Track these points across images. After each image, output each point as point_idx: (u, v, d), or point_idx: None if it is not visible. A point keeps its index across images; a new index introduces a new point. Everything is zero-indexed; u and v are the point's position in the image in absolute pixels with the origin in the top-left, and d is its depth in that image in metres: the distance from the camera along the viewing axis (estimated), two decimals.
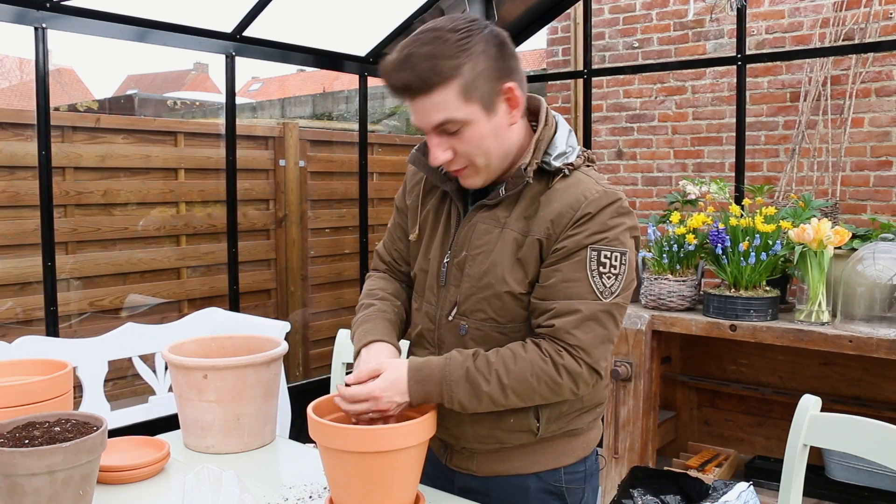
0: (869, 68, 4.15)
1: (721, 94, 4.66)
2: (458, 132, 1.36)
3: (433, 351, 1.53)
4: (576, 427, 1.54)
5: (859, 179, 4.22)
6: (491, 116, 1.37)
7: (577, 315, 1.35)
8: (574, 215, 1.37)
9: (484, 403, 1.37)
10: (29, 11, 2.66)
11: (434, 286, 1.52)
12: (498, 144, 1.40)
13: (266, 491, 1.54)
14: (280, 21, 3.54)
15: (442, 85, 1.31)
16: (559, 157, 1.42)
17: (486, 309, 1.44)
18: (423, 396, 1.38)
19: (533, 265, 1.41)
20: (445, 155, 1.38)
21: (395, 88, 1.35)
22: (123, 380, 3.76)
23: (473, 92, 1.33)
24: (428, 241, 1.55)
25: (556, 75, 5.14)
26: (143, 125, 4.22)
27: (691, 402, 3.51)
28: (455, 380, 1.37)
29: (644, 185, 4.97)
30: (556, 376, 1.36)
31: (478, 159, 1.39)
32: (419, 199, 1.59)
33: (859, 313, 2.61)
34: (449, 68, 1.30)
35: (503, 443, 1.51)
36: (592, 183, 1.41)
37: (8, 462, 1.22)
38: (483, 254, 1.44)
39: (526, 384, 1.36)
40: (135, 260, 3.98)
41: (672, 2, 4.82)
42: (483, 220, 1.45)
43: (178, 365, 1.74)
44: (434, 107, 1.33)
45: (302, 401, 1.80)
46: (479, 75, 1.33)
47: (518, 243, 1.41)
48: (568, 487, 1.56)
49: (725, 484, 2.11)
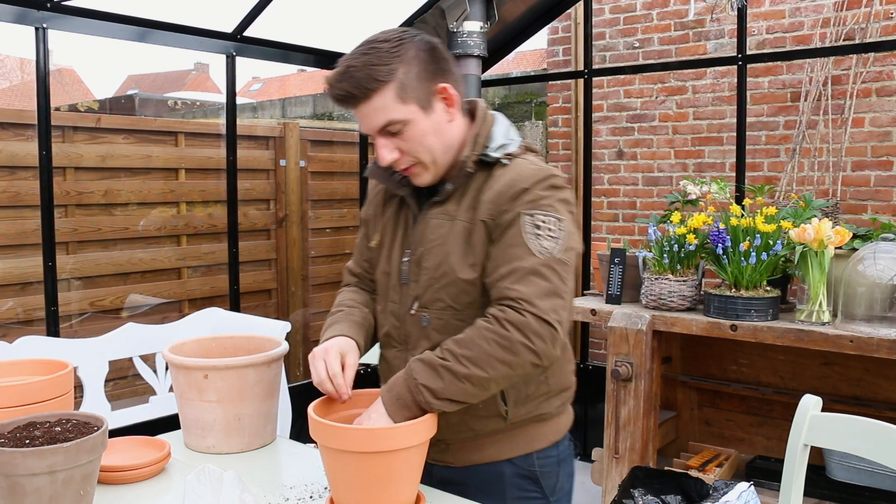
0: (870, 68, 4.15)
1: (722, 94, 4.66)
2: (401, 132, 1.46)
3: (401, 348, 1.60)
4: (544, 412, 1.60)
5: (860, 179, 4.22)
6: (429, 114, 1.48)
7: (517, 272, 1.40)
8: (511, 192, 1.46)
9: (445, 379, 1.36)
10: (30, 11, 2.66)
11: (396, 285, 1.60)
12: (439, 141, 1.50)
13: (267, 491, 1.54)
14: (281, 21, 3.54)
15: (378, 90, 1.43)
16: (498, 148, 1.52)
17: (443, 298, 1.51)
18: (396, 399, 1.39)
19: (481, 247, 1.48)
20: (392, 155, 1.49)
21: (338, 98, 1.46)
22: (124, 380, 3.76)
23: (409, 93, 1.45)
24: (389, 246, 1.64)
25: (557, 75, 5.13)
26: (144, 125, 4.22)
27: (692, 402, 3.51)
28: (415, 368, 1.39)
29: (645, 185, 4.97)
30: (503, 331, 1.36)
31: (422, 156, 1.49)
32: (379, 208, 1.70)
33: (860, 313, 2.61)
34: (383, 74, 1.42)
35: (475, 430, 1.56)
36: (528, 164, 1.52)
37: (9, 462, 1.22)
38: (437, 246, 1.52)
39: (478, 349, 1.36)
40: (135, 260, 3.98)
41: (673, 2, 4.82)
42: (435, 216, 1.54)
43: (178, 365, 1.74)
44: (374, 111, 1.45)
45: (302, 401, 1.80)
46: (413, 78, 1.45)
47: (468, 230, 1.50)
48: (542, 471, 1.62)
49: (726, 484, 2.11)
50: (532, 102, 5.47)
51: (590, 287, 4.08)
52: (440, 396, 1.37)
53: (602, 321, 3.15)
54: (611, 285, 3.21)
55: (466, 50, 3.68)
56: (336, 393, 1.48)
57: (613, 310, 3.10)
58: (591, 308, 3.19)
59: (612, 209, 5.09)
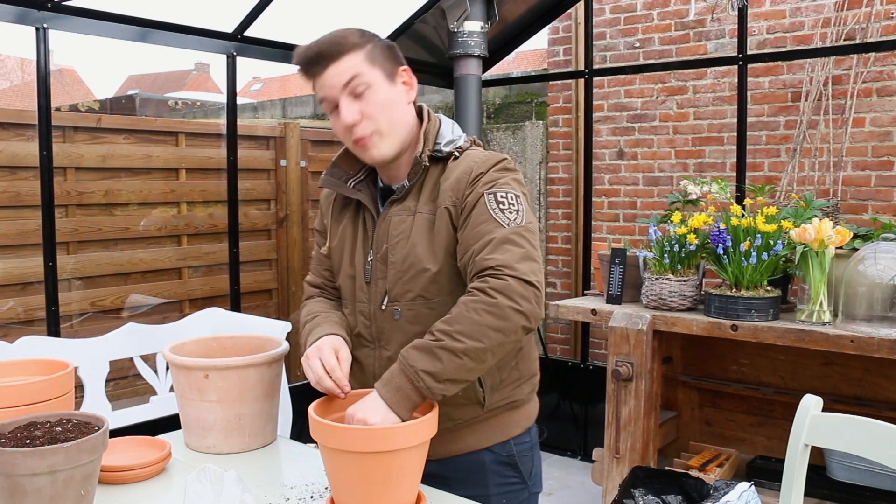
0: (870, 68, 4.15)
1: (722, 94, 4.65)
2: (364, 95, 1.52)
3: (373, 346, 1.63)
4: (517, 398, 1.66)
5: (860, 179, 4.22)
6: (392, 86, 1.56)
7: (490, 243, 1.44)
8: (469, 178, 1.53)
9: (444, 358, 1.36)
10: (30, 11, 2.66)
11: (363, 286, 1.64)
12: (400, 114, 1.58)
13: (267, 491, 1.54)
14: (281, 21, 3.54)
15: (350, 51, 1.51)
16: (448, 143, 1.60)
17: (413, 288, 1.55)
18: (396, 391, 1.38)
19: (446, 234, 1.53)
20: (354, 116, 1.53)
21: (310, 59, 1.52)
22: (125, 380, 3.76)
23: (377, 62, 1.54)
24: (350, 249, 1.68)
25: (558, 75, 5.13)
26: (145, 125, 4.22)
27: (692, 402, 3.51)
28: (409, 356, 1.39)
29: (645, 185, 4.97)
30: (489, 299, 1.37)
31: (383, 122, 1.54)
32: (333, 216, 1.75)
33: (860, 313, 2.61)
34: (354, 42, 1.52)
35: (454, 420, 1.59)
36: (479, 153, 1.61)
37: (9, 462, 1.23)
38: (402, 241, 1.57)
39: (469, 321, 1.37)
40: (136, 260, 3.98)
41: (673, 2, 4.82)
42: (396, 213, 1.60)
43: (179, 365, 1.74)
44: (343, 70, 1.51)
45: (303, 401, 1.80)
46: (379, 53, 1.55)
47: (430, 221, 1.55)
48: (519, 457, 1.68)
49: (727, 484, 2.11)
50: (532, 102, 5.47)
51: (590, 287, 4.08)
52: (441, 379, 1.37)
53: (602, 321, 3.15)
54: (611, 285, 3.21)
55: (467, 50, 3.68)
56: (337, 387, 1.48)
57: (614, 310, 3.10)
58: (592, 308, 3.19)
59: (613, 209, 5.09)
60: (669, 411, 3.47)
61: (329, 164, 1.71)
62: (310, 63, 1.53)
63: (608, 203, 5.10)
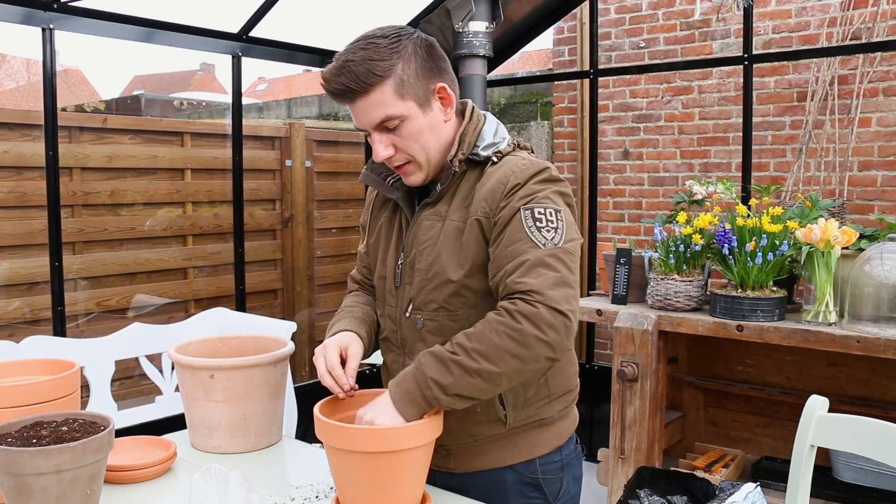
0: (876, 68, 4.14)
1: (728, 94, 4.64)
2: (397, 128, 1.46)
3: (398, 351, 1.59)
4: (545, 416, 1.58)
5: (867, 179, 4.20)
6: (426, 112, 1.48)
7: (524, 265, 1.37)
8: (504, 189, 1.45)
9: (455, 373, 1.33)
10: (36, 12, 2.67)
11: (392, 288, 1.60)
12: (434, 139, 1.50)
13: (273, 491, 1.54)
14: (286, 21, 3.55)
15: (378, 84, 1.42)
16: (487, 147, 1.52)
17: (436, 299, 1.50)
18: (404, 393, 1.37)
19: (475, 246, 1.47)
20: (387, 151, 1.48)
21: (336, 93, 1.45)
22: (130, 379, 3.77)
23: (408, 89, 1.44)
24: (384, 249, 1.64)
25: (563, 75, 5.13)
26: (150, 125, 4.23)
27: (698, 402, 3.50)
28: (424, 362, 1.37)
29: (650, 186, 4.96)
30: (513, 324, 1.32)
31: (417, 154, 1.49)
32: (373, 213, 1.72)
33: (867, 314, 2.60)
34: (382, 69, 1.41)
35: (475, 436, 1.55)
36: (519, 160, 1.50)
37: (16, 461, 1.23)
38: (429, 247, 1.52)
39: (489, 342, 1.32)
40: (141, 260, 3.99)
41: (678, 1, 4.81)
42: (427, 217, 1.54)
43: (184, 365, 1.74)
44: (372, 106, 1.44)
45: (308, 401, 1.81)
46: (412, 74, 1.45)
47: (459, 230, 1.49)
48: (544, 478, 1.59)
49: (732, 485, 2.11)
50: (538, 102, 5.46)
51: (595, 287, 4.08)
52: (449, 392, 1.34)
53: (608, 321, 3.15)
54: (616, 285, 3.21)
55: (472, 50, 3.68)
56: (336, 385, 1.47)
57: (619, 310, 3.09)
58: (597, 308, 3.18)
59: (618, 209, 5.09)
60: (675, 412, 3.46)
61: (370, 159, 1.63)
62: (336, 96, 1.45)
63: (613, 203, 5.10)
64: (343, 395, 1.48)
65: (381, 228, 1.67)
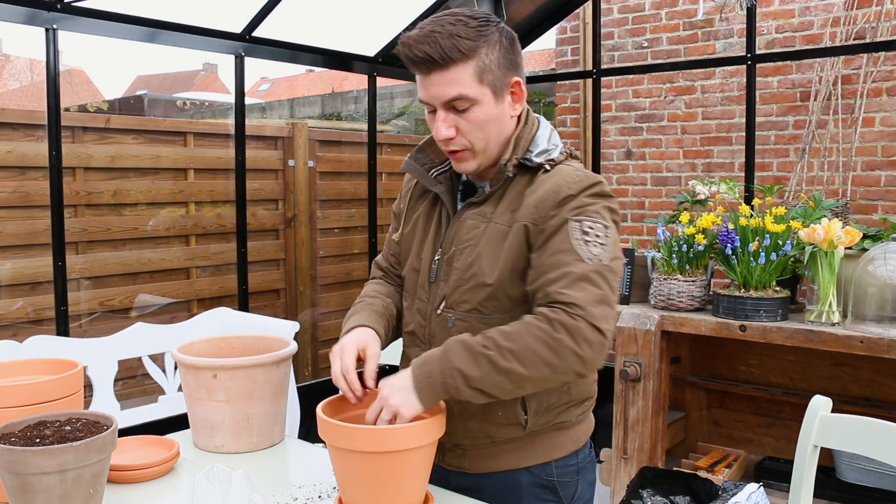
0: (880, 67, 4.13)
1: (731, 94, 4.64)
2: (466, 111, 1.43)
3: (424, 347, 1.56)
4: (564, 420, 1.56)
5: (870, 179, 4.20)
6: (498, 103, 1.46)
7: (567, 277, 1.35)
8: (556, 198, 1.42)
9: (483, 368, 1.31)
10: (40, 13, 2.67)
11: (425, 283, 1.58)
12: (498, 131, 1.48)
13: (275, 490, 1.54)
14: (289, 21, 3.55)
15: (460, 62, 1.39)
16: (541, 153, 1.49)
17: (470, 300, 1.49)
18: (425, 376, 1.34)
19: (517, 251, 1.44)
20: (449, 132, 1.45)
21: (415, 60, 1.41)
22: (133, 379, 3.77)
23: (487, 75, 1.42)
24: (420, 242, 1.62)
25: (565, 75, 5.13)
26: (153, 125, 4.24)
27: (701, 402, 3.50)
28: (452, 349, 1.34)
29: (653, 185, 4.95)
30: (552, 332, 1.30)
31: (478, 142, 1.46)
32: (410, 202, 1.68)
33: (870, 314, 2.60)
34: (468, 48, 1.39)
35: (493, 438, 1.53)
36: (573, 171, 1.48)
37: (19, 461, 1.23)
38: (469, 247, 1.50)
39: (524, 344, 1.31)
40: (144, 260, 3.99)
41: (681, 1, 4.81)
42: (471, 216, 1.52)
43: (187, 364, 1.74)
44: (449, 82, 1.41)
45: (311, 400, 1.81)
46: (493, 62, 1.42)
47: (503, 233, 1.46)
48: (560, 481, 1.58)
49: (735, 485, 2.11)
50: (540, 102, 5.46)
51: None
52: (472, 385, 1.31)
53: None
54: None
55: None
56: (349, 390, 1.46)
57: (622, 310, 3.09)
58: None
59: (621, 209, 5.06)
60: (677, 412, 3.46)
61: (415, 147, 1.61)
62: (414, 64, 1.42)
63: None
64: (355, 400, 1.46)
65: (419, 220, 1.64)
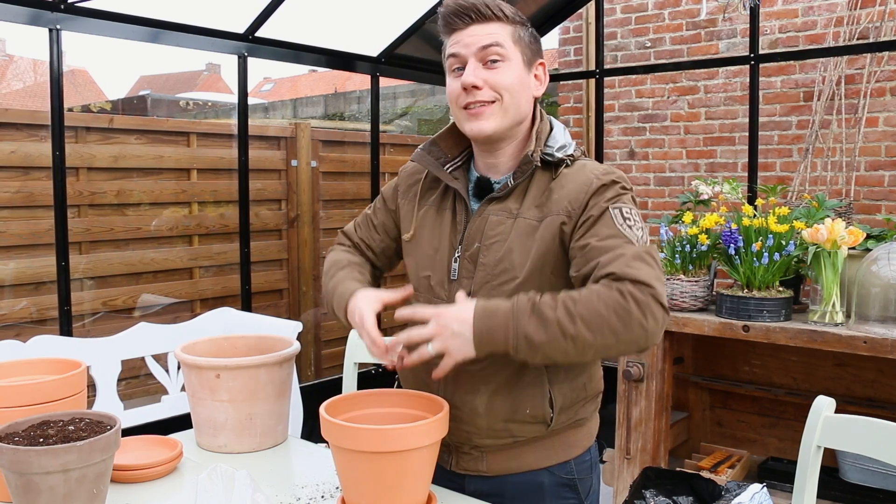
0: (884, 67, 4.12)
1: (734, 94, 4.64)
2: (497, 66, 1.47)
3: None
4: (581, 417, 1.58)
5: (873, 179, 4.19)
6: (526, 72, 1.51)
7: (623, 257, 1.34)
8: (590, 189, 1.45)
9: (551, 333, 1.28)
10: (43, 13, 2.68)
11: (444, 281, 1.54)
12: (523, 101, 1.51)
13: (278, 490, 1.55)
14: (292, 21, 3.54)
15: (500, 20, 1.48)
16: (560, 149, 1.51)
17: (498, 296, 1.43)
18: (487, 332, 1.31)
19: (550, 244, 1.44)
20: (477, 80, 1.46)
21: (459, 11, 1.47)
22: (136, 379, 3.78)
23: (520, 43, 1.50)
24: (430, 239, 1.58)
25: (569, 75, 5.13)
26: (156, 126, 4.24)
27: (704, 402, 3.50)
28: (522, 309, 1.31)
29: (656, 185, 4.95)
30: (623, 302, 1.29)
31: (505, 95, 1.48)
32: (416, 199, 1.64)
33: (874, 314, 2.59)
34: (510, 13, 1.49)
35: (516, 437, 1.51)
36: (597, 164, 1.53)
37: (23, 460, 1.23)
38: (498, 242, 1.48)
39: (594, 311, 1.29)
40: (147, 260, 4.00)
41: (684, 1, 4.80)
42: (494, 212, 1.51)
43: (190, 364, 1.74)
44: (487, 33, 1.47)
45: (314, 400, 1.81)
46: (526, 37, 1.51)
47: (533, 228, 1.46)
48: (579, 478, 1.59)
49: (738, 485, 2.11)
50: (543, 102, 5.46)
51: None
52: (535, 348, 1.30)
53: None
54: None
55: None
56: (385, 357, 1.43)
57: None
58: None
59: None
60: (680, 412, 3.45)
61: (427, 140, 1.61)
62: (457, 14, 1.47)
63: None
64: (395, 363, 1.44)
65: (427, 216, 1.61)
